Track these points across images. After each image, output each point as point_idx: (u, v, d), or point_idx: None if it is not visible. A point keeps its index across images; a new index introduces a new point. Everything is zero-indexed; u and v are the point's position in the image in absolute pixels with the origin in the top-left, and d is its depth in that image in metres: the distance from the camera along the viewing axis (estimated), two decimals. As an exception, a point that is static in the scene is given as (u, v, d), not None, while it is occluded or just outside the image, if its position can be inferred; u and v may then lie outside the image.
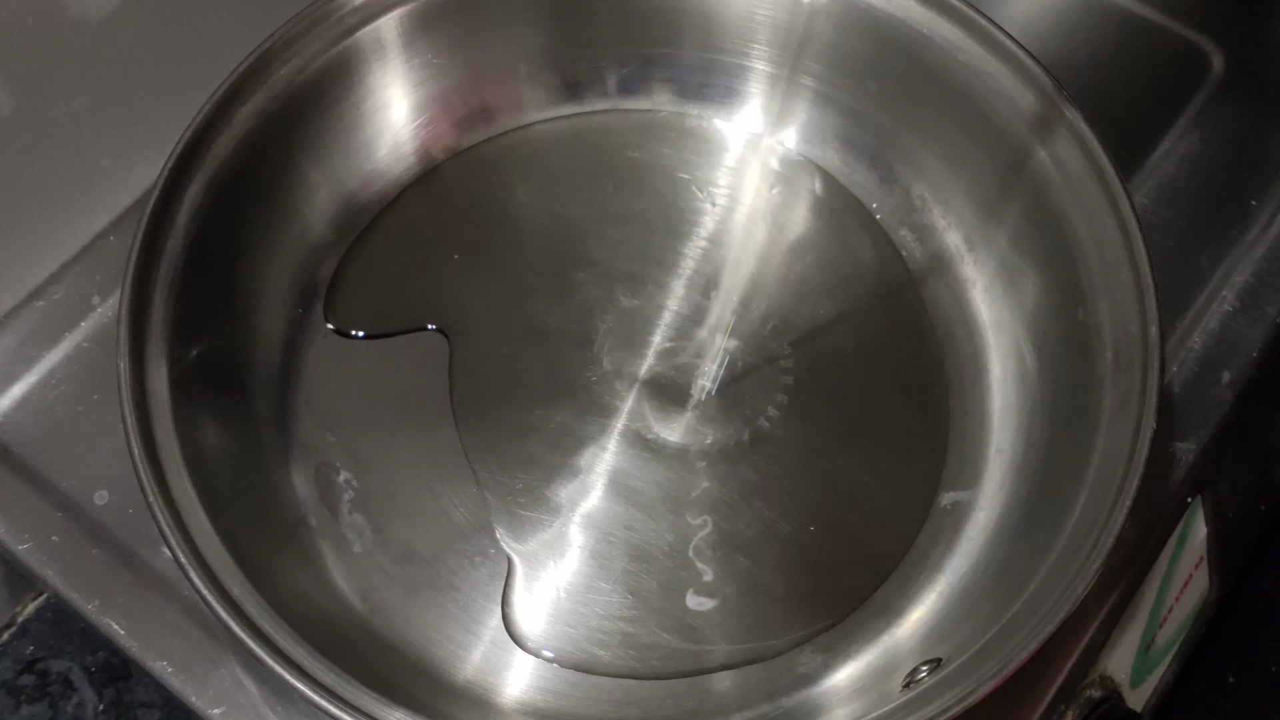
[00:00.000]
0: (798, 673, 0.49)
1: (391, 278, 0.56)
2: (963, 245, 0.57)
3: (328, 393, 0.54)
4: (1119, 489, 0.44)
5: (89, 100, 0.55)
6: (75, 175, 0.56)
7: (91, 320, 0.56)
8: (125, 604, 0.50)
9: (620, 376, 0.54)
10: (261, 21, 0.53)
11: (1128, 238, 0.48)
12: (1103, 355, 0.48)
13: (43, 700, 0.57)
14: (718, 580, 0.50)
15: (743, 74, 0.60)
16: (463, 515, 0.51)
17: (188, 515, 0.44)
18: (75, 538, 0.51)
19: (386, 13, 0.55)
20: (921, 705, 0.42)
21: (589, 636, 0.50)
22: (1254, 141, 0.64)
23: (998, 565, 0.49)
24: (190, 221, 0.49)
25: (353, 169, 0.57)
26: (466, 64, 0.58)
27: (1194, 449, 0.56)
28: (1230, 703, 0.80)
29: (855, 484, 0.53)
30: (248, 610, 0.42)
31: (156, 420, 0.46)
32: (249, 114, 0.51)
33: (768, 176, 0.60)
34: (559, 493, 0.52)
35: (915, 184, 0.58)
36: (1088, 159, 0.50)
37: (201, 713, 0.48)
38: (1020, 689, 0.49)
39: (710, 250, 0.58)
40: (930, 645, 0.47)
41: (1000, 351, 0.55)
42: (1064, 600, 0.42)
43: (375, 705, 0.41)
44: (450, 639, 0.49)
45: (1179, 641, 0.63)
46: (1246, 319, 0.59)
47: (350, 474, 0.52)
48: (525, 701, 0.48)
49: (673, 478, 0.52)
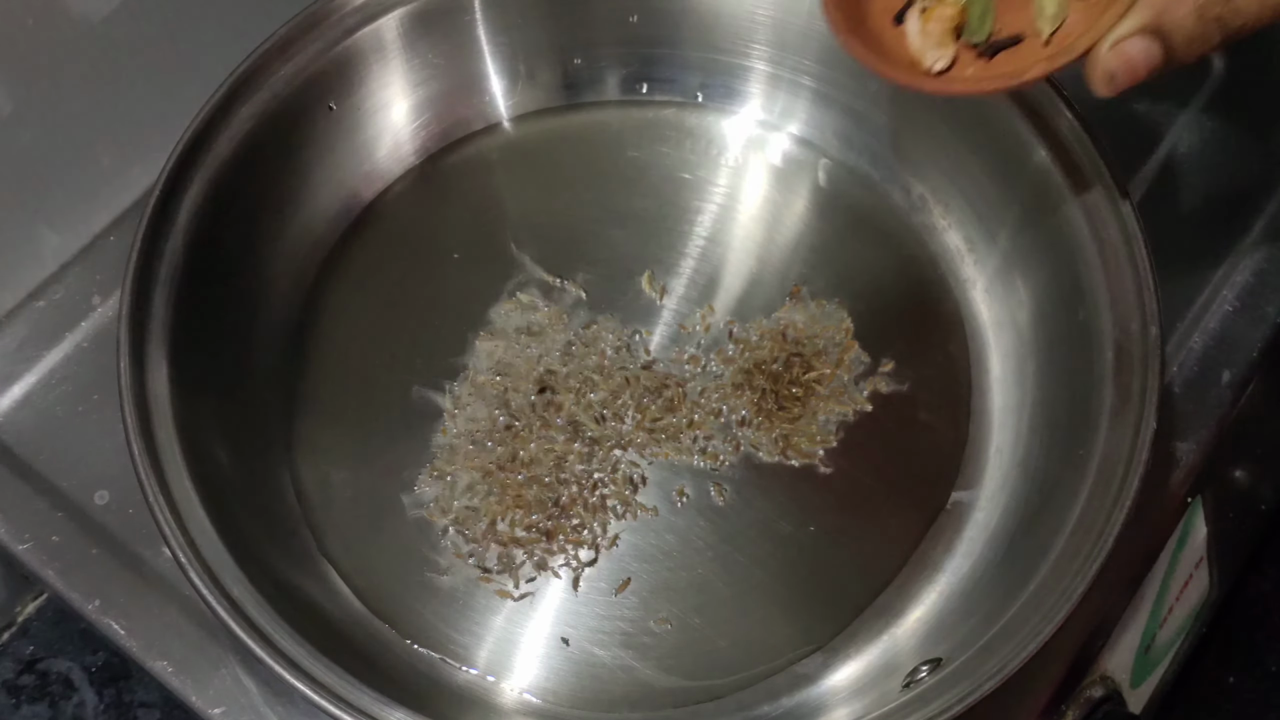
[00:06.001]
0: (798, 673, 0.49)
1: (391, 277, 0.56)
2: (963, 245, 0.57)
3: (328, 392, 0.54)
4: (1119, 489, 0.44)
5: (89, 100, 0.55)
6: (75, 175, 0.56)
7: (91, 320, 0.56)
8: (125, 604, 0.50)
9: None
10: (261, 21, 0.53)
11: (1128, 238, 0.48)
12: (1103, 355, 0.48)
13: (43, 700, 0.57)
14: (718, 580, 0.50)
15: (743, 74, 0.60)
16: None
17: (188, 515, 0.44)
18: (75, 538, 0.51)
19: (386, 13, 0.55)
20: (921, 705, 0.42)
21: (589, 637, 0.50)
22: (1254, 141, 0.64)
23: (998, 565, 0.49)
24: (190, 221, 0.49)
25: (353, 169, 0.57)
26: (466, 64, 0.58)
27: (1194, 449, 0.56)
28: (1230, 703, 0.80)
29: (856, 485, 0.53)
30: (248, 610, 0.42)
31: (156, 420, 0.46)
32: (249, 114, 0.51)
33: (768, 176, 0.60)
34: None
35: (915, 184, 0.58)
36: (1088, 159, 0.50)
37: (201, 713, 0.48)
38: (1020, 689, 0.49)
39: (710, 249, 0.58)
40: (930, 645, 0.47)
41: (1000, 351, 0.55)
42: (1064, 600, 0.42)
43: (375, 705, 0.41)
44: (450, 639, 0.49)
45: (1179, 641, 0.63)
46: (1246, 319, 0.59)
47: (350, 473, 0.52)
48: (525, 701, 0.48)
49: (672, 478, 0.52)
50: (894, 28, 0.43)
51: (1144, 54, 0.38)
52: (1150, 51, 0.38)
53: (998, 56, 0.42)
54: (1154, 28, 0.38)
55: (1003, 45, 0.42)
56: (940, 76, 0.43)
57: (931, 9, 0.43)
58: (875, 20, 0.44)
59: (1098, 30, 0.39)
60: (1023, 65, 0.41)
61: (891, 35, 0.43)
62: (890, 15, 0.44)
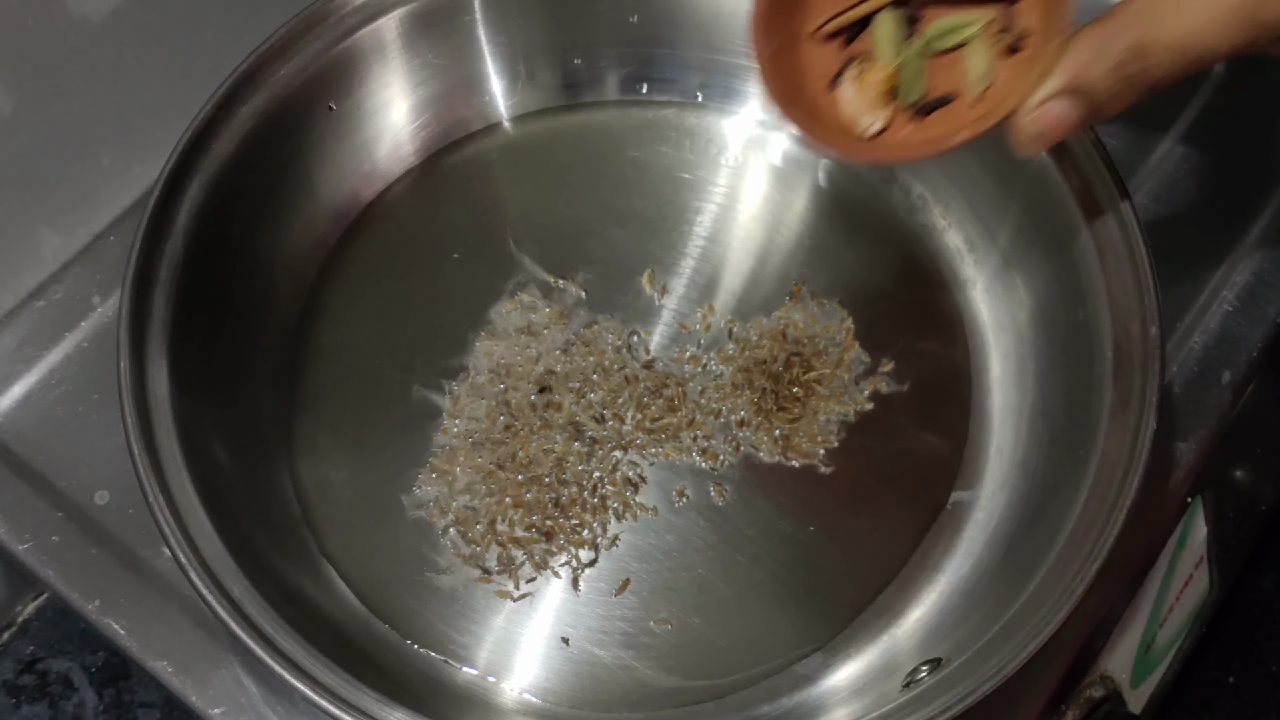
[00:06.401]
0: (798, 673, 0.49)
1: (391, 277, 0.56)
2: (963, 245, 0.57)
3: (328, 392, 0.54)
4: (1119, 489, 0.44)
5: (89, 100, 0.55)
6: (75, 175, 0.56)
7: (91, 320, 0.56)
8: (125, 604, 0.50)
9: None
10: (261, 21, 0.53)
11: (1128, 238, 0.48)
12: (1103, 355, 0.48)
13: (43, 700, 0.57)
14: (718, 580, 0.50)
15: (743, 74, 0.60)
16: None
17: (188, 515, 0.44)
18: (75, 538, 0.51)
19: (386, 13, 0.55)
20: (921, 705, 0.42)
21: (589, 637, 0.50)
22: (1254, 141, 0.64)
23: (998, 565, 0.49)
24: (190, 221, 0.49)
25: (353, 169, 0.57)
26: (466, 64, 0.58)
27: (1194, 449, 0.56)
28: (1230, 703, 0.80)
29: (856, 485, 0.53)
30: (248, 610, 0.42)
31: (156, 420, 0.46)
32: (249, 114, 0.51)
33: (767, 176, 0.60)
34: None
35: (915, 184, 0.58)
36: (1088, 159, 0.50)
37: (201, 713, 0.48)
38: (1020, 689, 0.49)
39: (710, 249, 0.58)
40: (930, 645, 0.47)
41: (1000, 351, 0.55)
42: (1064, 600, 0.42)
43: (375, 705, 0.41)
44: (450, 639, 0.49)
45: (1179, 641, 0.63)
46: (1246, 319, 0.59)
47: (350, 473, 0.52)
48: (525, 701, 0.48)
49: (672, 478, 0.52)
50: (829, 93, 0.44)
51: (1065, 113, 0.39)
52: (1071, 111, 0.39)
53: (930, 117, 0.43)
54: (1074, 88, 0.39)
55: (934, 105, 0.43)
56: (872, 142, 0.44)
57: (866, 73, 0.44)
58: (811, 86, 0.45)
59: (1021, 92, 0.40)
60: (951, 129, 0.42)
61: (827, 101, 0.44)
62: (825, 81, 0.45)
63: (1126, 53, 0.38)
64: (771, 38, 0.43)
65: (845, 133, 0.44)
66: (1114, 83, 0.38)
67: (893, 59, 0.43)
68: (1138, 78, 0.38)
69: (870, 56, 0.44)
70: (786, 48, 0.44)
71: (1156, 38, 0.37)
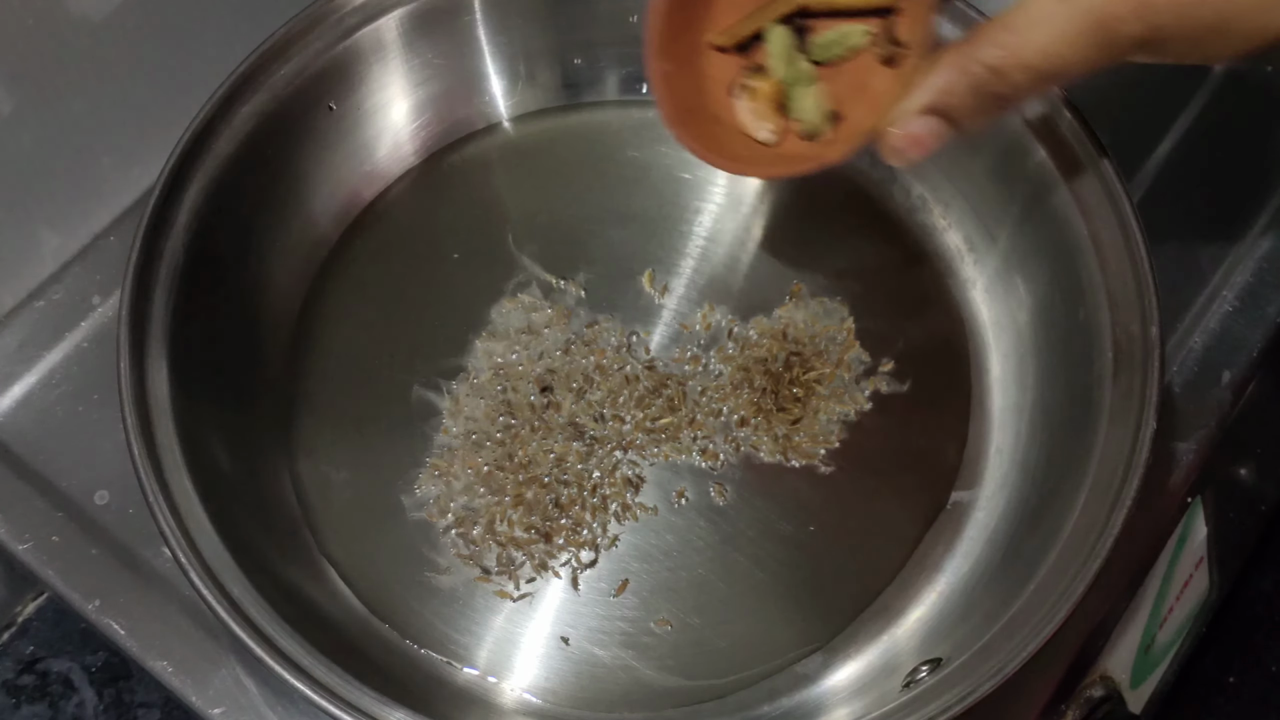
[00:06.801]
0: (798, 673, 0.49)
1: (391, 277, 0.56)
2: (963, 245, 0.57)
3: (328, 392, 0.54)
4: (1119, 489, 0.44)
5: (89, 100, 0.55)
6: (75, 175, 0.56)
7: (91, 320, 0.56)
8: (125, 604, 0.50)
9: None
10: (261, 21, 0.53)
11: (1128, 238, 0.48)
12: (1103, 355, 0.48)
13: (43, 700, 0.57)
14: (718, 580, 0.50)
15: (743, 74, 0.60)
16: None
17: (188, 515, 0.44)
18: (75, 538, 0.51)
19: (386, 13, 0.55)
20: (921, 705, 0.42)
21: (589, 637, 0.50)
22: (1254, 142, 0.64)
23: (998, 565, 0.49)
24: (190, 221, 0.49)
25: (353, 169, 0.57)
26: (466, 64, 0.58)
27: (1194, 449, 0.56)
28: (1230, 703, 0.80)
29: (857, 485, 0.53)
30: (248, 610, 0.42)
31: (156, 420, 0.46)
32: (249, 114, 0.52)
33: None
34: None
35: (916, 184, 0.58)
36: (1088, 159, 0.50)
37: (201, 713, 0.48)
38: (1020, 689, 0.49)
39: (710, 249, 0.58)
40: (930, 645, 0.47)
41: (1000, 351, 0.55)
42: (1064, 600, 0.42)
43: (375, 705, 0.41)
44: (450, 639, 0.49)
45: (1179, 641, 0.63)
46: (1246, 319, 0.59)
47: (350, 474, 0.52)
48: (525, 701, 0.48)
49: (672, 478, 0.52)
50: (728, 101, 0.46)
51: (929, 131, 0.41)
52: (935, 129, 0.41)
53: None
54: (937, 108, 0.41)
55: (812, 135, 0.45)
56: (756, 157, 0.45)
57: (754, 85, 0.45)
58: (714, 92, 0.46)
59: (882, 112, 0.42)
60: (829, 143, 0.44)
61: (727, 110, 0.46)
62: (725, 88, 0.46)
63: (986, 72, 0.39)
64: (666, 56, 0.45)
65: (745, 140, 0.45)
66: (975, 101, 0.40)
67: (783, 71, 0.45)
68: (997, 96, 0.40)
69: (764, 68, 0.45)
70: (686, 60, 0.46)
71: (1015, 57, 0.39)
